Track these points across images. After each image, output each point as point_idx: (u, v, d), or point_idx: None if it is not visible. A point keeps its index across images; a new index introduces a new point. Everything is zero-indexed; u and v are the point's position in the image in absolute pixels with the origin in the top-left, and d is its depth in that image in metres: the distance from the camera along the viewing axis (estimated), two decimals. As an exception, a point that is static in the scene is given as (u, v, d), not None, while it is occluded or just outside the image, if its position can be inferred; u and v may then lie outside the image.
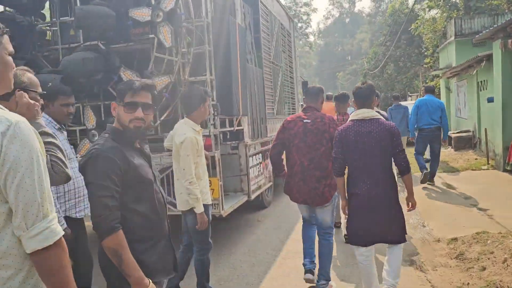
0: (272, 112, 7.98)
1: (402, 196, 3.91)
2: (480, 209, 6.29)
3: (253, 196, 6.23)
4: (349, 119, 3.52)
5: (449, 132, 14.60)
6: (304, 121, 3.91)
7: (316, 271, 4.06)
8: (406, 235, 3.49)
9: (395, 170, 3.64)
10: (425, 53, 20.37)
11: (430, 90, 8.86)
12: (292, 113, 9.95)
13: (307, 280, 4.00)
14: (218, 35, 5.22)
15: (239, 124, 5.99)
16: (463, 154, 11.88)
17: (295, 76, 10.67)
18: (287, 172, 4.06)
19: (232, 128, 5.58)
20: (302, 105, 11.75)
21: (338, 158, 3.47)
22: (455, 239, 5.01)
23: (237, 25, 5.54)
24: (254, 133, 6.62)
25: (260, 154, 6.87)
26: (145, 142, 2.15)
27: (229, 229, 6.29)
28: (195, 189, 3.46)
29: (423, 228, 5.82)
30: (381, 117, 3.47)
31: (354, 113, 3.48)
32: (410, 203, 3.53)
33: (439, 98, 18.56)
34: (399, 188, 3.64)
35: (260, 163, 6.84)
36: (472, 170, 9.50)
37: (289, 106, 9.84)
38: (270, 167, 7.41)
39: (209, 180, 4.60)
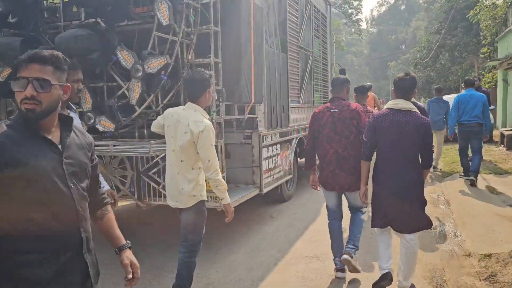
0: (297, 101, 7.47)
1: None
2: (525, 220, 5.45)
3: (265, 190, 5.81)
4: (385, 107, 3.60)
5: (503, 129, 13.38)
6: (332, 111, 4.04)
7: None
8: (428, 228, 3.58)
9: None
10: (483, 42, 18.78)
11: (470, 84, 8.11)
12: (324, 102, 9.37)
13: (345, 261, 3.95)
14: (228, 14, 4.78)
15: (252, 112, 5.56)
16: (516, 155, 10.75)
17: (329, 63, 10.03)
18: (320, 163, 4.15)
19: (241, 116, 5.16)
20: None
21: (368, 142, 3.59)
22: (489, 255, 4.27)
23: (252, 4, 5.08)
24: (272, 122, 6.16)
25: (279, 145, 6.41)
26: (68, 130, 1.77)
27: (236, 225, 5.81)
28: (222, 179, 3.30)
29: (454, 238, 5.11)
30: (417, 111, 3.52)
31: (392, 102, 3.55)
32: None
33: (495, 92, 17.13)
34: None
35: (278, 154, 6.39)
36: (523, 173, 8.48)
37: (320, 94, 9.25)
38: (291, 158, 6.94)
39: None
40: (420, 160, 3.53)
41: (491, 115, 13.90)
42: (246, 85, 4.95)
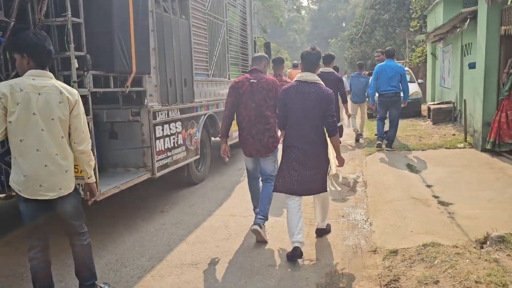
0: (205, 74, 6.78)
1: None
2: (441, 202, 4.90)
3: (159, 173, 5.14)
4: (294, 80, 3.90)
5: (429, 103, 13.45)
6: (251, 81, 4.38)
7: None
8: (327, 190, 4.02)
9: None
10: (413, 16, 18.89)
11: (390, 54, 8.33)
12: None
13: (254, 231, 4.20)
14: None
15: (138, 85, 4.82)
16: (441, 129, 10.69)
17: (250, 35, 9.39)
18: (238, 128, 4.53)
19: (117, 90, 4.40)
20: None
21: (281, 114, 3.92)
22: (395, 252, 3.70)
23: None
24: (169, 97, 5.46)
25: (179, 122, 5.73)
26: None
27: (109, 222, 4.97)
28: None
29: (363, 229, 4.52)
30: (322, 83, 3.83)
31: (299, 75, 3.86)
32: (339, 161, 3.95)
33: (426, 65, 17.31)
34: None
35: (179, 133, 5.71)
36: (446, 148, 8.14)
37: (239, 68, 8.61)
38: (197, 137, 6.30)
39: None
40: (325, 128, 3.80)
41: (419, 89, 14.03)
42: (122, 52, 4.20)
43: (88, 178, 3.04)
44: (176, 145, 5.63)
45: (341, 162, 3.94)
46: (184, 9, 6.09)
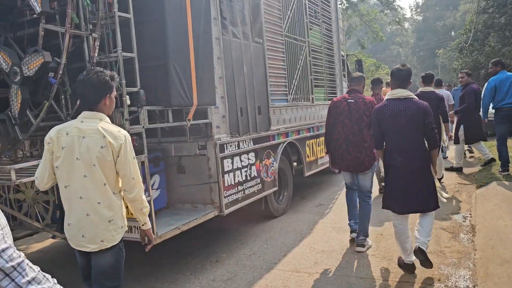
0: (283, 99, 6.34)
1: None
2: None
3: (228, 210, 4.76)
4: (385, 99, 3.89)
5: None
6: (348, 101, 4.66)
7: None
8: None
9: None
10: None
11: (501, 64, 7.12)
12: (331, 98, 8.19)
13: (353, 239, 4.76)
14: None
15: (203, 117, 4.54)
16: None
17: (337, 53, 8.78)
18: (333, 145, 4.79)
19: (177, 124, 4.14)
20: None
21: (375, 134, 3.93)
22: None
23: (186, -16, 4.07)
24: (240, 127, 5.11)
25: (252, 153, 5.34)
26: None
27: (149, 274, 4.34)
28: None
29: None
30: (414, 97, 3.79)
31: (390, 93, 3.85)
32: (435, 171, 3.85)
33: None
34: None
35: (252, 164, 5.31)
36: None
37: (325, 90, 8.03)
38: (275, 167, 5.84)
39: None
40: (426, 142, 3.75)
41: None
42: (180, 84, 3.94)
43: (143, 225, 2.80)
44: (248, 178, 5.23)
45: (438, 173, 4.04)
46: (258, 32, 5.76)
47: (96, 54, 3.54)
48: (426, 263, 3.79)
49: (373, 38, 28.64)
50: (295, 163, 6.79)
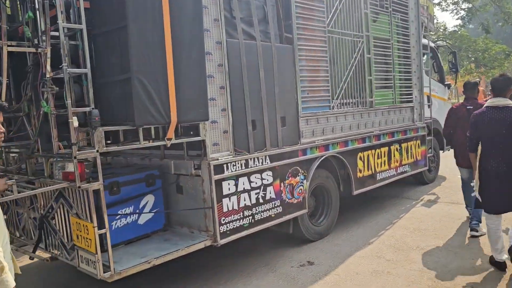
0: (324, 106, 5.44)
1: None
2: None
3: (223, 241, 4.15)
4: (484, 106, 4.23)
5: None
6: (468, 107, 5.38)
7: None
8: None
9: None
10: None
11: None
12: (405, 101, 7.03)
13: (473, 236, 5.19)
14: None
15: (188, 133, 4.01)
16: None
17: (416, 47, 7.41)
18: (454, 144, 5.64)
19: (139, 145, 3.61)
20: (448, 85, 8.41)
21: (472, 137, 4.25)
22: None
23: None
24: (252, 143, 4.44)
25: (269, 172, 4.62)
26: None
27: None
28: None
29: None
30: None
31: (490, 101, 4.16)
32: None
33: None
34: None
35: (267, 185, 4.61)
36: None
37: (395, 92, 6.82)
38: (305, 186, 5.05)
39: (83, 225, 3.06)
40: None
41: None
42: (150, 100, 3.43)
43: None
44: (261, 201, 4.54)
45: None
46: (287, 30, 4.97)
47: (48, 70, 3.22)
48: None
49: (504, 20, 24.63)
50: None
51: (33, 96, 3.58)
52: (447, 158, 8.05)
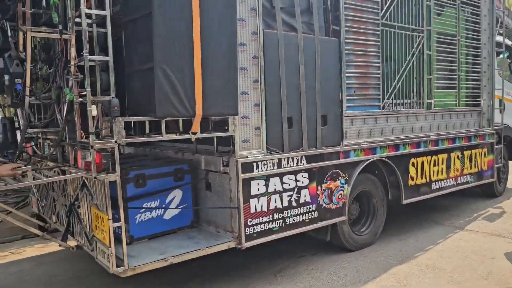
0: (373, 105, 5.01)
1: None
2: None
3: (248, 243, 3.91)
4: None
5: None
6: None
7: None
8: None
9: None
10: None
11: None
12: (471, 104, 6.38)
13: None
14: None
15: (219, 128, 3.81)
16: None
17: (489, 43, 6.66)
18: None
19: (183, 137, 3.49)
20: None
21: None
22: None
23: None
24: (287, 141, 4.16)
25: (305, 174, 4.32)
26: None
27: None
28: None
29: None
30: None
31: None
32: None
33: None
34: None
35: (302, 187, 4.30)
36: None
37: (460, 92, 6.17)
38: (346, 190, 4.68)
39: (101, 216, 3.03)
40: None
41: None
42: (174, 90, 3.27)
43: None
44: (294, 204, 4.25)
45: None
46: (334, 22, 4.61)
47: (72, 57, 3.18)
48: None
49: None
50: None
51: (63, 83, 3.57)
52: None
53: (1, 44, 3.46)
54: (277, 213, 4.12)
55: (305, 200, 4.34)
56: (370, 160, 4.91)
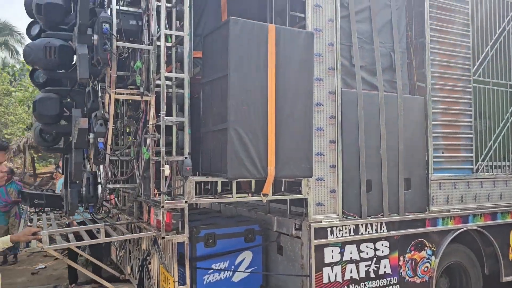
0: (465, 168, 4.54)
1: None
2: None
3: (321, 318, 3.60)
4: None
5: None
6: None
7: None
8: None
9: None
10: None
11: None
12: None
13: None
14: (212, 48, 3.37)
15: (292, 189, 3.66)
16: None
17: None
18: None
19: (233, 199, 3.40)
20: None
21: None
22: None
23: (270, 30, 3.37)
24: (365, 206, 3.87)
25: (385, 242, 3.96)
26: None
27: None
28: None
29: None
30: None
31: None
32: None
33: None
34: None
35: (382, 257, 3.93)
36: None
37: None
38: (433, 263, 4.21)
39: (167, 277, 3.05)
40: None
41: None
42: (246, 152, 3.22)
43: None
44: (373, 275, 3.88)
45: None
46: (419, 79, 4.36)
47: (151, 117, 3.29)
48: None
49: None
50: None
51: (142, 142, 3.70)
52: None
53: (92, 104, 3.70)
54: (353, 285, 3.78)
55: (385, 271, 3.95)
56: (462, 230, 4.39)
